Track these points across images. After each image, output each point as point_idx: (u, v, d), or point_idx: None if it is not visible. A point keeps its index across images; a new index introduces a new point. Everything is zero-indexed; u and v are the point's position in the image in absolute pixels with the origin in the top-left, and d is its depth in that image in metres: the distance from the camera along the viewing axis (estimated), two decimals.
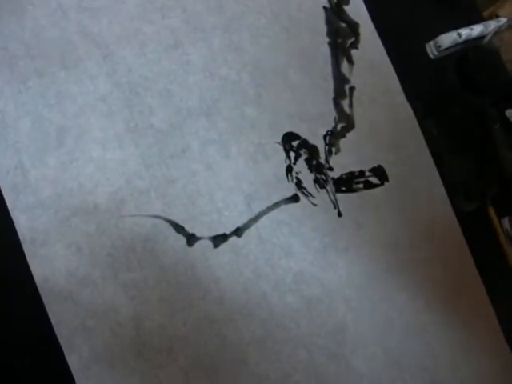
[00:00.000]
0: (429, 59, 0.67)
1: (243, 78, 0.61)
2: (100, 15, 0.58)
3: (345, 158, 0.63)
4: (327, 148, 0.62)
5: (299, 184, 0.61)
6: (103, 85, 0.57)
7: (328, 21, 0.65)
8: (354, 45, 0.66)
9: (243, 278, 0.57)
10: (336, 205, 0.61)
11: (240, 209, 0.59)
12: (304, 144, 0.62)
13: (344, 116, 0.63)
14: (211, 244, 0.57)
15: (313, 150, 0.62)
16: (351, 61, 0.65)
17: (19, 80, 0.56)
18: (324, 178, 0.61)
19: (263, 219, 0.59)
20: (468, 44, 0.66)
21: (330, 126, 0.63)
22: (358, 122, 0.64)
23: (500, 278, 0.65)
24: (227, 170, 0.59)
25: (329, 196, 0.61)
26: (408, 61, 0.63)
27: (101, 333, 0.53)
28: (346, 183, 0.62)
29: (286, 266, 0.59)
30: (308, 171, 0.61)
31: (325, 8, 0.65)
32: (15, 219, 0.53)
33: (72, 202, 0.54)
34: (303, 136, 0.62)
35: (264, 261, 0.58)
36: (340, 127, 0.63)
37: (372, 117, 0.64)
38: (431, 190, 0.64)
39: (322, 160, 0.62)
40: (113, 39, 0.58)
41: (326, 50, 0.65)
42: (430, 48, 0.64)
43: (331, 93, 0.64)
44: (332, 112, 0.63)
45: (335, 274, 0.60)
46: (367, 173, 0.63)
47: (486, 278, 0.64)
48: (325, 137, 0.62)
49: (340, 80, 0.64)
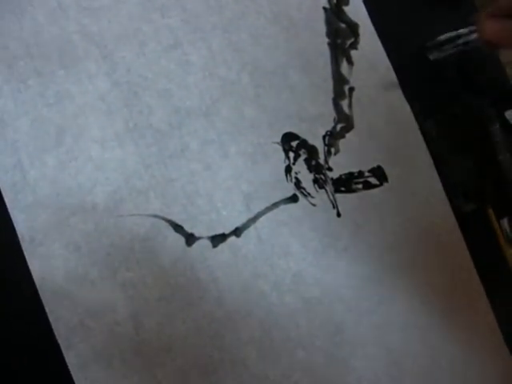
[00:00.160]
0: (428, 60, 0.67)
1: (242, 78, 0.61)
2: (99, 14, 0.58)
3: (344, 159, 0.63)
4: (326, 148, 0.62)
5: (298, 184, 0.61)
6: (102, 84, 0.57)
7: (328, 21, 0.65)
8: (354, 45, 0.66)
9: (242, 278, 0.57)
10: (335, 205, 0.61)
11: (239, 209, 0.58)
12: (303, 144, 0.62)
13: (343, 116, 0.63)
14: (210, 244, 0.57)
15: (312, 151, 0.62)
16: (351, 61, 0.65)
17: (19, 79, 0.55)
18: (323, 179, 0.61)
19: (262, 219, 0.59)
20: (468, 45, 0.66)
21: (330, 127, 0.63)
22: (358, 123, 0.64)
23: (499, 279, 0.65)
24: (226, 170, 0.59)
25: (328, 196, 0.61)
26: (407, 62, 0.63)
27: (99, 332, 0.53)
28: (345, 183, 0.62)
29: (285, 266, 0.59)
30: (307, 171, 0.61)
31: (324, 8, 0.65)
32: (14, 218, 0.53)
33: (71, 201, 0.54)
34: (302, 136, 0.62)
35: (263, 261, 0.58)
36: (339, 128, 0.63)
37: (371, 117, 0.64)
38: (430, 191, 0.64)
39: (322, 160, 0.62)
40: (112, 38, 0.58)
41: (326, 51, 0.65)
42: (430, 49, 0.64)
43: (331, 93, 0.64)
44: (331, 112, 0.63)
45: (334, 275, 0.60)
46: (366, 173, 0.63)
47: (485, 279, 0.64)
48: (324, 137, 0.62)
49: (339, 80, 0.64)
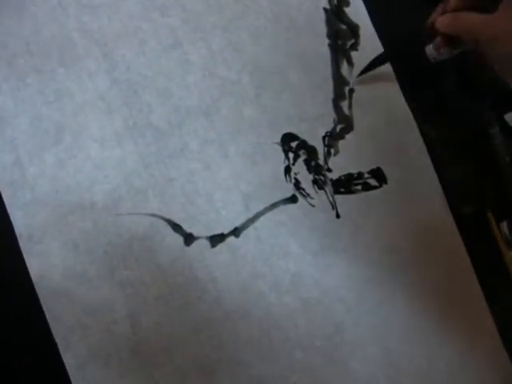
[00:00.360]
0: (429, 62, 0.66)
1: (242, 78, 0.61)
2: (100, 12, 0.58)
3: (344, 160, 0.62)
4: (326, 149, 0.62)
5: (298, 185, 0.60)
6: (102, 82, 0.57)
7: (328, 22, 0.65)
8: (354, 47, 0.65)
9: (241, 278, 0.57)
10: (334, 206, 0.61)
11: (238, 209, 0.58)
12: (303, 145, 0.61)
13: (343, 117, 0.63)
14: (209, 244, 0.57)
15: (312, 151, 0.62)
16: (351, 62, 0.65)
17: (18, 77, 0.55)
18: (323, 179, 0.61)
19: (261, 219, 0.59)
20: (468, 47, 0.66)
21: (330, 128, 0.63)
22: (358, 124, 0.64)
23: (498, 282, 0.65)
24: (225, 170, 0.59)
25: (327, 197, 0.61)
26: (408, 63, 0.63)
27: (97, 331, 0.52)
28: (345, 185, 0.62)
29: (284, 267, 0.58)
30: (307, 172, 0.61)
31: (325, 9, 0.65)
32: (12, 215, 0.53)
33: (69, 200, 0.54)
34: (302, 137, 0.62)
35: (262, 261, 0.58)
36: (339, 128, 0.63)
37: (371, 119, 0.64)
38: (430, 193, 0.64)
39: (321, 161, 0.62)
40: (112, 37, 0.58)
41: (326, 52, 0.64)
42: (430, 51, 0.64)
43: (331, 94, 0.64)
44: (331, 113, 0.63)
45: (333, 275, 0.59)
46: (366, 175, 0.63)
47: (484, 282, 0.64)
48: (324, 138, 0.62)
49: (339, 81, 0.64)
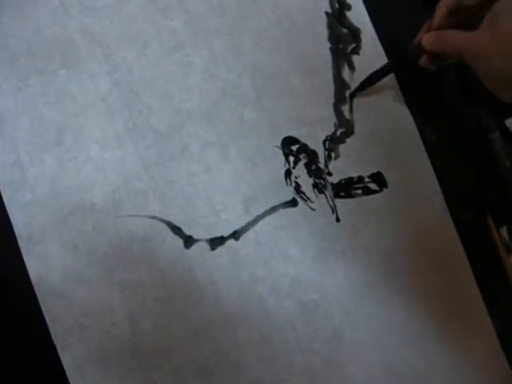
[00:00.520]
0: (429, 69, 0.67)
1: (243, 81, 0.61)
2: (102, 14, 0.58)
3: (344, 164, 0.62)
4: (327, 153, 0.62)
5: (298, 188, 0.60)
6: (103, 84, 0.57)
7: (330, 26, 0.65)
8: (356, 50, 0.66)
9: (240, 281, 0.57)
10: (334, 210, 0.61)
11: (238, 212, 0.58)
12: (303, 148, 0.61)
13: (344, 121, 0.63)
14: (208, 246, 0.57)
15: (312, 155, 0.62)
16: (352, 66, 0.65)
17: (19, 77, 0.56)
18: (323, 183, 0.61)
19: (261, 223, 0.59)
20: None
21: (330, 131, 0.63)
22: (358, 128, 0.64)
23: (497, 287, 0.65)
24: (226, 173, 0.59)
25: (327, 201, 0.61)
26: (415, 66, 0.63)
27: (95, 332, 0.52)
28: (345, 188, 0.62)
29: (284, 271, 0.58)
30: (307, 176, 0.61)
31: (327, 13, 0.65)
32: (12, 216, 0.53)
33: (69, 201, 0.54)
34: (303, 140, 0.62)
35: (261, 264, 0.58)
36: (340, 132, 0.63)
37: (372, 123, 0.64)
38: (430, 198, 0.64)
39: (321, 165, 0.62)
40: (114, 39, 0.58)
41: (327, 55, 0.65)
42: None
43: (331, 98, 0.64)
44: (332, 117, 0.63)
45: (333, 279, 0.59)
46: (366, 179, 0.63)
47: (484, 286, 0.64)
48: (324, 142, 0.62)
49: (340, 85, 0.64)
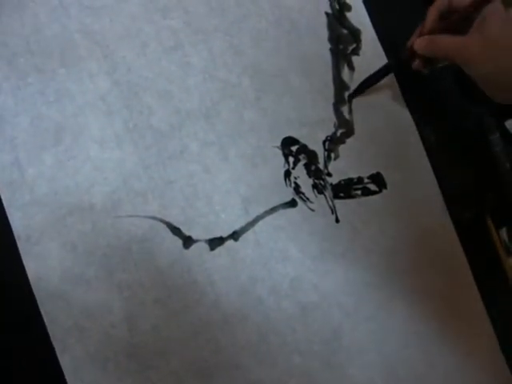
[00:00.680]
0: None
1: (243, 82, 0.61)
2: (101, 14, 0.58)
3: (344, 164, 0.62)
4: (326, 154, 0.62)
5: (297, 189, 0.60)
6: (103, 84, 0.57)
7: (330, 26, 0.65)
8: (356, 51, 0.65)
9: (239, 282, 0.57)
10: (334, 210, 0.61)
11: (237, 212, 0.58)
12: (303, 149, 0.61)
13: (344, 122, 0.63)
14: (208, 247, 0.57)
15: (312, 155, 0.62)
16: (352, 67, 0.65)
17: (18, 76, 0.55)
18: (322, 184, 0.61)
19: (260, 223, 0.58)
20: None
21: (330, 132, 0.63)
22: (358, 129, 0.63)
23: (497, 288, 0.65)
24: (225, 173, 0.59)
25: (327, 202, 0.61)
26: (409, 68, 0.63)
27: (94, 333, 0.52)
28: (345, 189, 0.62)
29: (283, 271, 0.58)
30: (306, 176, 0.61)
31: (327, 14, 0.65)
32: (10, 216, 0.52)
33: (68, 201, 0.54)
34: (302, 141, 0.61)
35: (261, 265, 0.58)
36: (340, 133, 0.63)
37: (372, 124, 0.64)
38: (429, 198, 0.64)
39: (321, 165, 0.62)
40: (114, 38, 0.58)
41: (327, 56, 0.64)
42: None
43: (331, 98, 0.64)
44: (332, 118, 0.63)
45: (332, 280, 0.59)
46: (366, 179, 0.62)
47: (483, 287, 0.64)
48: (324, 142, 0.62)
49: (340, 86, 0.64)
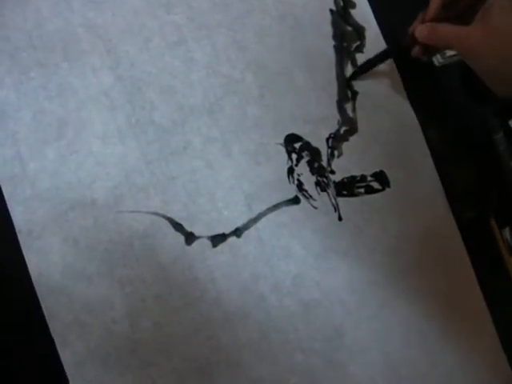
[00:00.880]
0: (434, 66, 0.66)
1: (247, 78, 0.61)
2: (104, 8, 0.58)
3: (347, 162, 0.62)
4: (330, 151, 0.62)
5: (300, 186, 0.60)
6: (106, 78, 0.57)
7: (334, 23, 0.65)
8: (360, 49, 0.65)
9: (241, 279, 0.56)
10: (337, 208, 0.61)
11: (240, 209, 0.58)
12: (306, 146, 0.61)
13: (347, 119, 0.63)
14: (210, 243, 0.56)
15: (315, 153, 0.61)
16: (356, 64, 0.65)
17: (21, 71, 0.55)
18: (325, 181, 0.61)
19: (263, 220, 0.58)
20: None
21: (334, 129, 0.62)
22: (362, 127, 0.63)
23: (499, 287, 0.64)
24: (228, 169, 0.58)
25: (330, 199, 0.61)
26: (413, 67, 0.63)
27: (95, 329, 0.52)
28: (348, 187, 0.61)
29: (286, 269, 0.58)
30: (310, 173, 0.61)
31: (331, 11, 0.65)
32: (12, 210, 0.52)
33: (70, 196, 0.54)
34: (306, 138, 0.61)
35: (263, 262, 0.57)
36: (343, 130, 0.63)
37: (375, 122, 0.64)
38: (432, 197, 0.64)
39: (324, 163, 0.61)
40: (117, 33, 0.58)
41: (331, 53, 0.64)
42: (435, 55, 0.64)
43: (335, 96, 0.63)
44: (335, 115, 0.63)
45: (335, 278, 0.59)
46: (369, 177, 0.62)
47: (486, 287, 0.63)
48: (327, 140, 0.62)
49: (344, 83, 0.64)
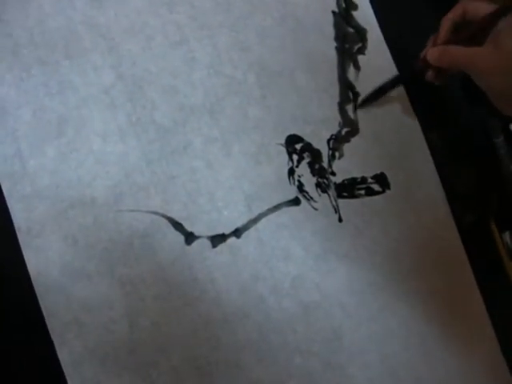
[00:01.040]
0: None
1: (248, 78, 0.61)
2: (107, 6, 0.58)
3: (348, 163, 0.62)
4: (330, 152, 0.62)
5: (301, 187, 0.60)
6: (107, 77, 0.57)
7: (336, 25, 0.65)
8: (361, 50, 0.65)
9: (241, 280, 0.56)
10: (337, 210, 0.60)
11: (240, 209, 0.58)
12: (307, 147, 0.61)
13: (348, 121, 0.63)
14: (209, 243, 0.56)
15: (316, 154, 0.61)
16: (358, 66, 0.65)
17: (22, 68, 0.55)
18: (326, 183, 0.61)
19: (263, 221, 0.58)
20: None
21: (335, 131, 0.62)
22: (363, 128, 0.63)
23: (499, 291, 0.64)
24: (228, 169, 0.58)
25: (330, 201, 0.60)
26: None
27: (94, 328, 0.52)
28: (348, 189, 0.61)
29: (285, 270, 0.58)
30: (310, 175, 0.61)
31: (333, 12, 0.65)
32: (11, 208, 0.52)
33: (70, 194, 0.53)
34: (307, 139, 0.61)
35: (262, 263, 0.57)
36: (344, 132, 0.62)
37: (377, 123, 0.64)
38: (433, 200, 0.64)
39: (325, 164, 0.61)
40: (119, 31, 0.58)
41: (333, 54, 0.64)
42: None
43: (337, 97, 0.63)
44: (337, 116, 0.63)
45: (334, 280, 0.59)
46: (369, 179, 0.62)
47: (486, 291, 0.63)
48: (328, 141, 0.62)
49: (345, 85, 0.64)
